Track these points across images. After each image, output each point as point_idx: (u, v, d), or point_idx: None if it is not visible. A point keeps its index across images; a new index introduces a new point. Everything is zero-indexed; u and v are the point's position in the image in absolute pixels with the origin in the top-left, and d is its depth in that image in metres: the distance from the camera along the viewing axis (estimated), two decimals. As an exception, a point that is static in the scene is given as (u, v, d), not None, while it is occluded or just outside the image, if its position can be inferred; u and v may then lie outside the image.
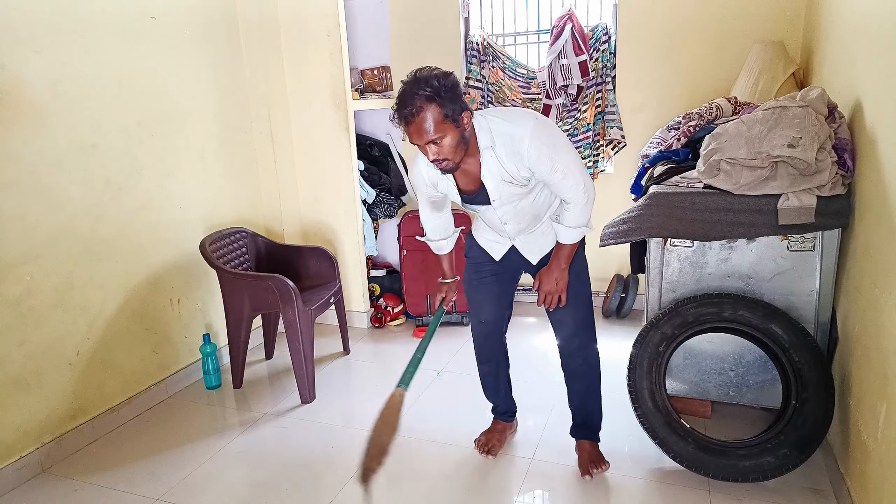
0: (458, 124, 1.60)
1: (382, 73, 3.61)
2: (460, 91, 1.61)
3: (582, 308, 1.97)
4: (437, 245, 2.08)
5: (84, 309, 2.34)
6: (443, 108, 1.55)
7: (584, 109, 3.32)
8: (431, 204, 1.97)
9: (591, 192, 1.77)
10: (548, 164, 1.68)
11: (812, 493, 1.87)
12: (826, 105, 1.91)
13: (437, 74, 1.57)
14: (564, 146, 1.72)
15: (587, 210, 1.79)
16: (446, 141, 1.60)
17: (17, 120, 2.06)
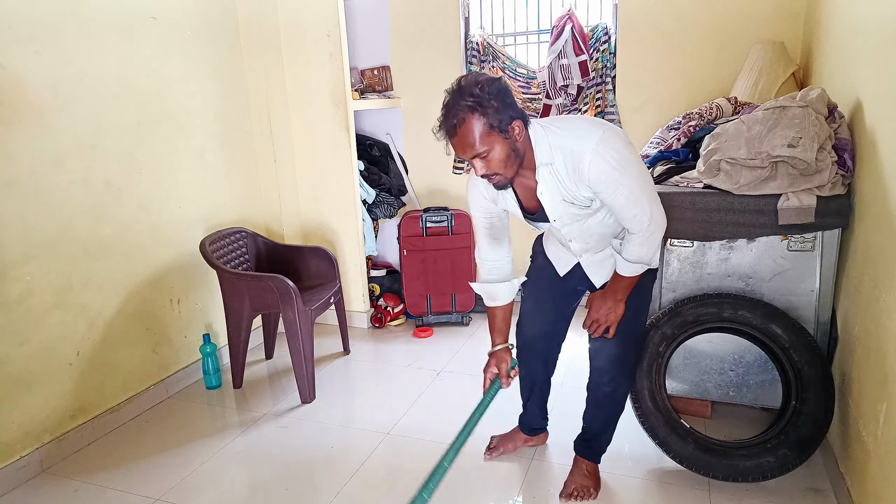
0: (507, 135, 1.46)
1: (382, 73, 3.61)
2: (510, 98, 1.46)
3: (627, 346, 1.80)
4: (490, 290, 1.82)
5: (84, 309, 2.34)
6: (488, 119, 1.42)
7: (584, 109, 3.32)
8: (489, 229, 1.77)
9: (659, 225, 1.58)
10: (611, 186, 1.50)
11: (812, 493, 1.87)
12: (826, 105, 1.91)
13: (481, 81, 1.43)
14: (634, 167, 1.52)
15: (650, 244, 1.60)
16: (494, 154, 1.46)
17: (17, 120, 2.06)
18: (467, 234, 3.44)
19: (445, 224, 3.42)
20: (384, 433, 2.34)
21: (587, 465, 1.96)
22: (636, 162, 1.53)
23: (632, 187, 1.51)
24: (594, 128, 1.51)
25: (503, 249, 1.82)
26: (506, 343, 1.83)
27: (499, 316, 1.84)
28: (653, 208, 1.56)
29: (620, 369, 1.84)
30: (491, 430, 2.24)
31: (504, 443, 2.16)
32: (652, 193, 1.57)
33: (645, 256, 1.62)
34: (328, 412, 2.53)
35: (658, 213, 1.58)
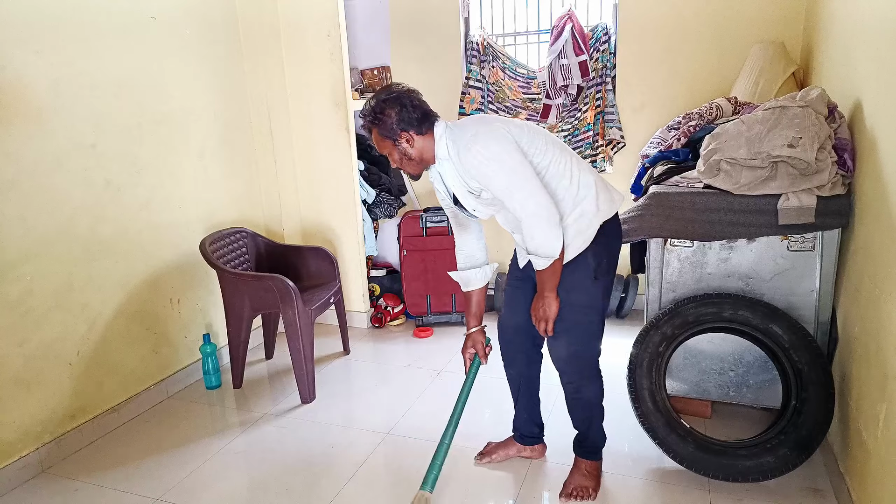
0: (396, 143, 1.73)
1: (382, 73, 3.61)
2: (406, 113, 1.70)
3: (577, 346, 1.81)
4: (463, 277, 1.94)
5: (84, 309, 2.34)
6: (381, 131, 1.73)
7: (584, 109, 3.32)
8: (454, 217, 1.92)
9: (539, 217, 1.62)
10: (484, 178, 1.65)
11: (812, 493, 1.87)
12: (826, 105, 1.91)
13: (375, 102, 1.73)
14: (505, 163, 1.62)
15: (542, 237, 1.64)
16: (393, 155, 1.77)
17: (17, 120, 2.06)
18: (467, 234, 3.44)
19: (445, 224, 3.42)
20: (384, 433, 2.34)
21: (586, 464, 1.96)
22: (508, 158, 1.63)
23: (502, 182, 1.64)
24: (473, 125, 1.71)
25: (471, 236, 1.93)
26: (480, 325, 1.96)
27: (473, 300, 1.96)
28: (536, 202, 1.62)
29: (576, 370, 1.84)
30: (467, 440, 2.24)
31: (496, 450, 2.13)
32: (528, 187, 1.63)
33: (539, 248, 1.66)
34: (328, 412, 2.53)
35: (534, 206, 1.62)
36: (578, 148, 3.36)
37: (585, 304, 1.78)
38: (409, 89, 1.76)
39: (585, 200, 1.73)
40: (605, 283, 1.80)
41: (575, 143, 3.37)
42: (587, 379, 1.87)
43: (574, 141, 3.37)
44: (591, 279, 1.76)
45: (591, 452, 1.97)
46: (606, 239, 1.76)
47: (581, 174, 1.75)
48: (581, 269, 1.74)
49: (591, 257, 1.73)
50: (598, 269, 1.76)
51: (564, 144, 1.80)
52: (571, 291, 1.75)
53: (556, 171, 1.71)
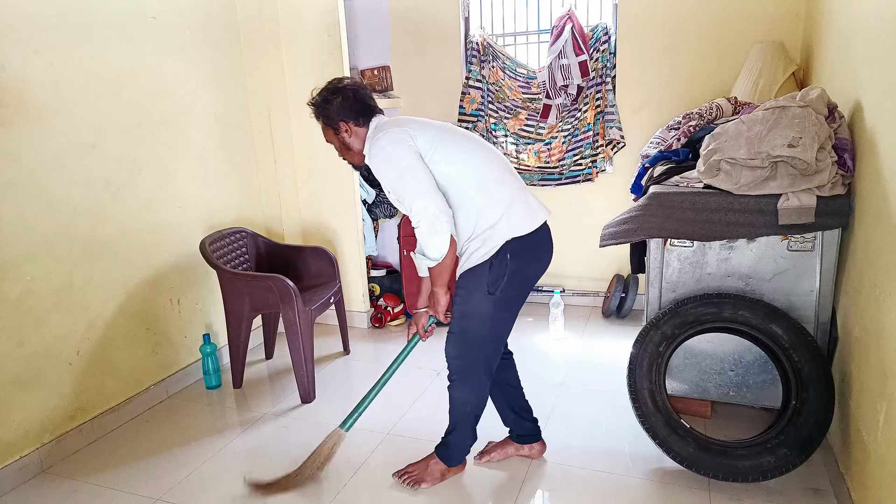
0: (337, 132, 1.85)
1: (382, 73, 3.61)
2: (348, 104, 1.81)
3: (458, 348, 1.86)
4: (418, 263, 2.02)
5: (84, 309, 2.34)
6: (324, 120, 1.86)
7: (584, 109, 3.32)
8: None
9: (427, 221, 1.66)
10: (379, 175, 1.76)
11: (812, 493, 1.87)
12: (826, 105, 1.91)
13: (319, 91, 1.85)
14: (398, 164, 1.70)
15: (424, 239, 1.69)
16: (335, 144, 1.90)
17: (17, 120, 2.06)
18: (467, 234, 3.44)
19: (445, 224, 3.42)
20: (384, 433, 2.34)
21: (434, 461, 2.02)
22: (398, 160, 1.71)
23: (394, 182, 1.72)
24: (387, 125, 1.80)
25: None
26: (426, 308, 1.99)
27: (424, 283, 2.01)
28: (414, 203, 1.69)
29: (455, 369, 1.90)
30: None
31: (495, 449, 2.15)
32: (415, 189, 1.68)
33: (424, 248, 1.73)
34: (328, 412, 2.52)
35: (420, 208, 1.67)
36: (578, 148, 3.36)
37: (476, 311, 1.80)
38: (357, 83, 1.88)
39: (494, 215, 1.73)
40: (501, 299, 1.77)
41: (575, 143, 3.37)
42: (462, 380, 1.91)
43: (574, 141, 3.37)
44: (484, 291, 1.76)
45: (444, 454, 2.01)
46: (509, 254, 1.74)
47: (499, 188, 1.75)
48: (477, 277, 1.76)
49: (489, 269, 1.74)
50: (494, 283, 1.75)
51: (497, 157, 1.83)
52: (467, 298, 1.80)
53: (465, 181, 1.73)
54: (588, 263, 3.53)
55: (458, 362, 1.90)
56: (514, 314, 1.87)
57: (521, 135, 3.49)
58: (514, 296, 1.82)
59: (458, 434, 1.99)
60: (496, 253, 1.73)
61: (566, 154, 3.40)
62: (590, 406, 2.48)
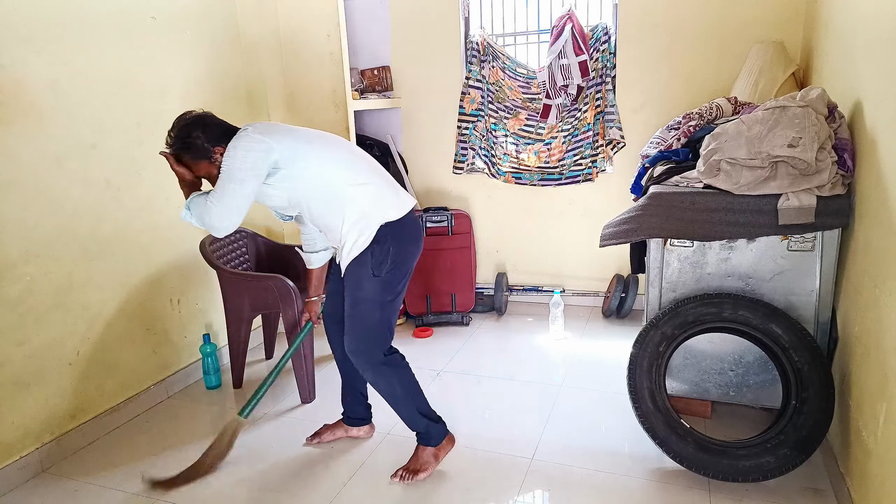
0: (212, 160, 1.86)
1: (382, 73, 3.61)
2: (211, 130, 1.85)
3: (356, 334, 1.94)
4: (306, 258, 2.21)
5: (84, 309, 2.34)
6: (194, 154, 1.85)
7: (584, 109, 3.32)
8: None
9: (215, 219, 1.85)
10: (223, 167, 1.82)
11: (812, 493, 1.87)
12: (826, 105, 1.91)
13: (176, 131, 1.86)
14: (240, 178, 1.79)
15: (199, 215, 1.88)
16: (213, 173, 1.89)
17: (17, 120, 2.06)
18: (467, 234, 3.45)
19: (445, 224, 3.43)
20: (384, 433, 2.34)
21: (419, 448, 2.08)
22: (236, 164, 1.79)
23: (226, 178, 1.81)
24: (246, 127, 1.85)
25: (308, 225, 2.11)
26: (319, 295, 2.27)
27: (314, 276, 2.25)
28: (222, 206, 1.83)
29: (362, 361, 1.96)
30: (467, 439, 2.23)
31: (325, 431, 2.29)
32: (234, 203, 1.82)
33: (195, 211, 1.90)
34: (328, 412, 2.52)
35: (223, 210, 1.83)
36: (578, 148, 3.36)
37: (367, 297, 1.91)
38: (204, 111, 1.92)
39: (365, 204, 1.87)
40: (388, 279, 1.90)
41: (575, 143, 3.37)
42: (372, 370, 1.98)
43: (574, 141, 3.37)
44: (370, 275, 1.88)
45: (424, 439, 2.07)
46: (386, 239, 1.87)
47: (367, 183, 1.90)
48: (362, 265, 1.88)
49: (370, 256, 1.87)
50: (378, 265, 1.88)
51: (363, 157, 1.99)
52: (356, 287, 1.91)
53: (334, 179, 1.87)
54: (588, 263, 3.53)
55: (361, 354, 1.96)
56: (399, 298, 1.98)
57: (521, 135, 3.49)
58: (397, 278, 1.93)
59: (413, 421, 2.05)
60: (374, 239, 1.85)
61: (566, 154, 3.40)
62: (590, 406, 2.48)
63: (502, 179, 3.54)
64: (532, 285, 3.67)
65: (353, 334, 1.95)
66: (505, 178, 3.53)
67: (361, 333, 1.94)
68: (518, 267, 3.70)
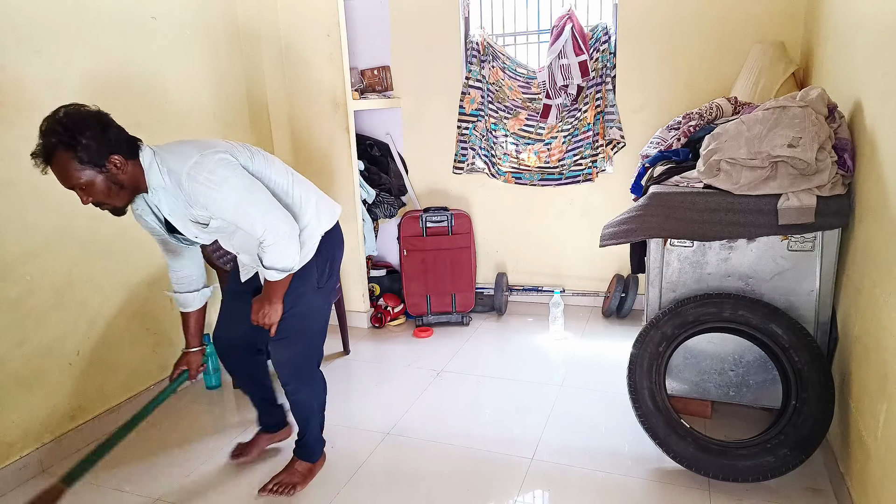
0: (103, 169, 1.52)
1: (382, 73, 3.61)
2: (110, 133, 1.52)
3: (294, 351, 1.86)
4: (181, 300, 1.89)
5: (84, 309, 2.34)
6: (78, 154, 1.46)
7: (584, 109, 3.32)
8: (163, 244, 1.83)
9: (279, 234, 1.62)
10: (213, 204, 1.58)
11: (812, 493, 1.87)
12: (826, 105, 1.91)
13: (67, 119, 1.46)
14: (234, 184, 1.59)
15: (281, 252, 1.64)
16: (94, 187, 1.52)
17: (17, 120, 2.06)
18: (467, 234, 3.45)
19: (445, 224, 3.42)
20: (384, 433, 2.34)
21: (299, 463, 2.03)
22: (238, 181, 1.60)
23: (234, 203, 1.59)
24: (193, 150, 1.59)
25: (187, 260, 1.86)
26: (200, 346, 1.97)
27: (192, 320, 1.93)
28: (268, 219, 1.61)
29: (294, 374, 1.90)
30: (467, 440, 2.23)
31: (249, 448, 2.18)
32: (263, 205, 1.62)
33: (277, 262, 1.66)
34: (328, 412, 2.51)
35: (278, 223, 1.62)
36: (578, 148, 3.36)
37: (308, 311, 1.84)
38: (102, 110, 1.57)
39: (307, 214, 1.79)
40: (328, 287, 1.89)
41: (575, 143, 3.37)
42: (303, 382, 1.93)
43: (574, 141, 3.37)
44: (315, 288, 1.83)
45: (306, 454, 2.04)
46: (327, 248, 1.84)
47: (301, 189, 1.80)
48: (306, 278, 1.80)
49: (315, 267, 1.81)
50: (321, 276, 1.84)
51: (278, 160, 1.84)
52: (297, 300, 1.80)
53: (279, 188, 1.75)
54: (588, 263, 3.53)
55: (295, 367, 1.89)
56: (331, 304, 1.96)
57: (521, 135, 3.49)
58: (331, 285, 1.92)
59: (313, 431, 2.02)
60: (317, 250, 1.81)
61: (566, 154, 3.40)
62: (590, 406, 2.48)
63: (502, 179, 3.54)
64: (532, 285, 3.67)
65: (293, 349, 1.86)
66: (505, 178, 3.54)
67: (302, 348, 1.88)
68: (518, 267, 3.70)
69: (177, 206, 1.64)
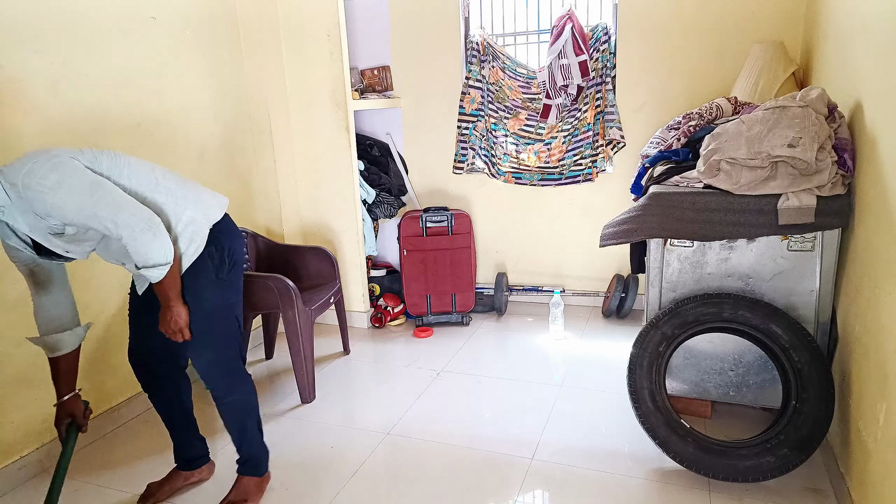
0: None
1: (382, 73, 3.61)
2: None
3: (213, 347, 1.78)
4: (51, 343, 1.69)
5: (84, 309, 2.32)
6: None
7: (584, 109, 3.32)
8: (29, 274, 1.67)
9: (137, 227, 1.53)
10: (58, 211, 1.48)
11: (812, 493, 1.87)
12: (826, 105, 1.91)
13: None
14: (80, 181, 1.50)
15: (149, 246, 1.55)
16: None
17: (17, 120, 2.06)
18: (467, 234, 3.45)
19: (445, 224, 3.43)
20: (384, 433, 2.34)
21: (246, 480, 1.93)
22: (76, 181, 1.50)
23: (78, 205, 1.48)
24: (27, 159, 1.49)
25: (55, 293, 1.71)
26: (75, 390, 1.77)
27: (62, 365, 1.73)
28: (117, 217, 1.51)
29: (221, 374, 1.82)
30: (467, 440, 2.23)
31: (160, 488, 2.00)
32: (112, 202, 1.52)
33: (150, 258, 1.57)
34: (328, 412, 2.53)
35: (128, 217, 1.52)
36: (578, 148, 3.36)
37: (216, 305, 1.77)
38: None
39: (188, 209, 1.71)
40: (232, 279, 1.81)
41: (575, 143, 3.37)
42: (233, 381, 1.86)
43: (574, 141, 3.37)
44: (215, 279, 1.76)
45: (251, 467, 1.94)
46: (220, 239, 1.77)
47: (172, 185, 1.72)
48: (202, 272, 1.73)
49: (208, 259, 1.74)
50: (220, 268, 1.77)
51: (139, 160, 1.72)
52: (200, 298, 1.73)
53: (142, 187, 1.65)
54: (588, 263, 3.53)
55: (220, 366, 1.82)
56: (241, 298, 1.87)
57: (521, 135, 3.49)
58: (237, 276, 1.84)
59: (252, 437, 1.93)
60: (207, 242, 1.74)
61: (566, 154, 3.40)
62: (590, 406, 2.48)
63: (502, 179, 3.54)
64: (532, 285, 3.67)
65: (208, 348, 1.77)
66: (505, 178, 3.54)
67: (218, 345, 1.80)
68: (518, 267, 3.70)
69: (31, 220, 1.52)
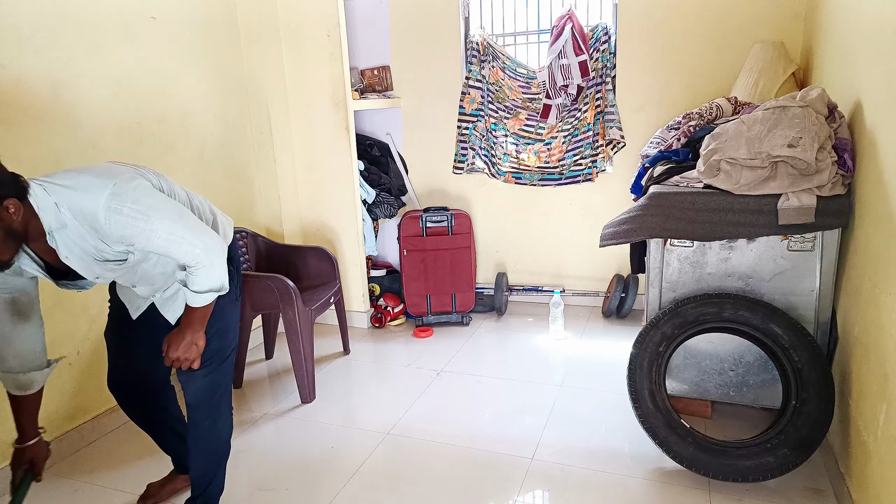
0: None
1: (382, 73, 3.61)
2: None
3: (216, 374, 1.70)
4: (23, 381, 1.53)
5: (84, 308, 2.33)
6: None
7: (584, 109, 3.32)
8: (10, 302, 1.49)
9: (214, 251, 1.51)
10: (142, 236, 1.40)
11: (812, 493, 1.87)
12: (826, 105, 1.91)
13: None
14: (161, 209, 1.44)
15: (215, 271, 1.52)
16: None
17: (17, 120, 2.06)
18: (467, 234, 3.45)
19: (445, 224, 3.42)
20: (384, 433, 2.34)
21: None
22: (161, 203, 1.46)
23: (166, 229, 1.43)
24: (103, 181, 1.38)
25: (32, 328, 1.55)
26: (39, 433, 1.61)
27: (31, 402, 1.58)
28: (201, 240, 1.48)
29: (215, 401, 1.74)
30: (467, 440, 2.23)
31: (160, 489, 1.98)
32: (196, 228, 1.49)
33: (214, 284, 1.53)
34: (328, 412, 2.53)
35: (210, 242, 1.49)
36: (578, 148, 3.36)
37: (227, 326, 1.72)
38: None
39: (219, 226, 1.74)
40: (239, 301, 1.81)
41: (575, 143, 3.37)
42: (222, 412, 1.77)
43: (574, 141, 3.37)
44: (234, 300, 1.73)
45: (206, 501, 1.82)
46: (232, 257, 1.76)
47: (198, 202, 1.72)
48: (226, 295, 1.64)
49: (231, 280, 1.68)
50: (236, 289, 1.74)
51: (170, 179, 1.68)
52: (220, 316, 1.65)
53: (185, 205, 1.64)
54: (588, 263, 3.53)
55: (215, 392, 1.72)
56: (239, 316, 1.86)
57: (521, 135, 3.49)
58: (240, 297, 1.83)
59: (219, 478, 1.82)
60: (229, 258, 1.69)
61: (566, 154, 3.40)
62: (590, 406, 2.48)
63: (502, 179, 3.54)
64: (532, 285, 3.67)
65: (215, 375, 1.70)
66: (505, 178, 3.54)
67: (223, 372, 1.73)
68: (518, 267, 3.70)
69: (81, 245, 1.41)
